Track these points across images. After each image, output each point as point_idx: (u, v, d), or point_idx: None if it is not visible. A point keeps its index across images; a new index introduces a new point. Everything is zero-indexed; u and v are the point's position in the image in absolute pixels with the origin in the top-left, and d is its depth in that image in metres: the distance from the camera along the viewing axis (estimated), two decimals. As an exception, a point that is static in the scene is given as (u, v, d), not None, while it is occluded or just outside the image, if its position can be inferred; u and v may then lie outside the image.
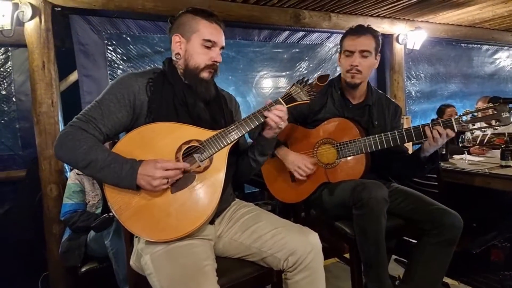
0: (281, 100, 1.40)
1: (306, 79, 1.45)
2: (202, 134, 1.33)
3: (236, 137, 1.33)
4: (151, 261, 1.25)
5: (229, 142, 1.32)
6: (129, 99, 1.32)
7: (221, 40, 1.42)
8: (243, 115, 1.46)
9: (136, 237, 1.39)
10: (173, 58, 1.43)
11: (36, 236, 2.83)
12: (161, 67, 1.46)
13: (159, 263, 1.23)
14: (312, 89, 1.43)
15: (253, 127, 1.36)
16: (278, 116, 1.35)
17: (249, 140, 1.67)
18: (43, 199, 2.70)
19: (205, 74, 1.40)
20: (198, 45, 1.37)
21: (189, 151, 1.31)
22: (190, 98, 1.38)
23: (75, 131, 1.25)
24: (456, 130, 1.58)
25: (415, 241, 1.79)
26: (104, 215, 2.15)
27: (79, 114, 1.30)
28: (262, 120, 1.37)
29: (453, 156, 2.80)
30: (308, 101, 1.43)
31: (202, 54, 1.38)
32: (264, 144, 1.45)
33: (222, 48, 1.44)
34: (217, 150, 1.31)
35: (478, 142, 2.91)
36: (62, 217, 2.36)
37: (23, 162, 3.08)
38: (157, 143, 1.29)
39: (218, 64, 1.42)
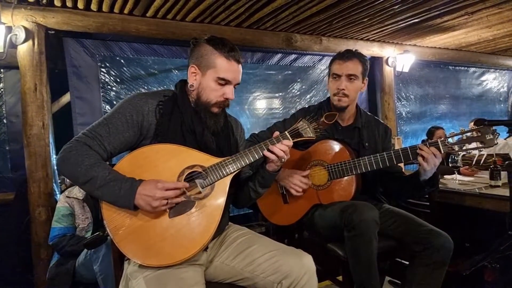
0: (287, 134, 1.40)
1: (316, 117, 1.47)
2: (207, 160, 1.31)
3: (240, 167, 1.32)
4: (139, 285, 1.23)
5: (232, 171, 1.31)
6: (137, 120, 1.31)
7: (237, 77, 1.39)
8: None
9: (126, 260, 1.36)
10: (188, 85, 1.41)
11: (23, 261, 2.76)
12: (172, 89, 1.45)
13: None
14: (319, 126, 1.45)
15: (257, 157, 1.35)
16: (282, 151, 1.35)
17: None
18: (31, 223, 2.65)
19: (215, 109, 1.39)
20: (212, 81, 1.35)
21: (191, 176, 1.30)
22: (198, 126, 1.37)
23: (80, 146, 1.23)
24: (442, 152, 1.61)
25: (407, 263, 1.78)
26: (98, 232, 2.10)
27: (85, 130, 1.28)
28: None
29: (444, 176, 2.82)
30: (314, 138, 1.44)
31: (215, 90, 1.36)
32: (266, 177, 1.44)
33: (237, 84, 1.41)
34: (219, 177, 1.30)
35: (474, 162, 2.93)
36: (50, 241, 2.31)
37: (12, 184, 3.04)
38: (160, 164, 1.28)
39: (230, 100, 1.41)
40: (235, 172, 1.33)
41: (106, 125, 1.28)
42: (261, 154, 1.35)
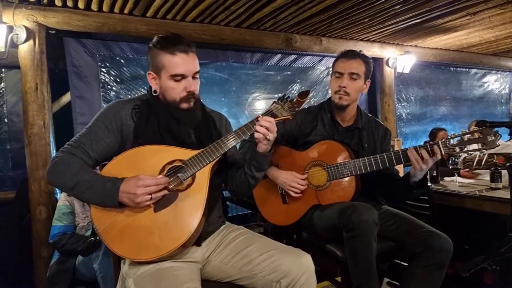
0: (262, 116, 1.42)
1: (286, 96, 1.47)
2: (185, 154, 1.35)
3: (218, 155, 1.35)
4: (134, 284, 1.25)
5: (211, 160, 1.34)
6: (116, 125, 1.36)
7: (190, 68, 1.36)
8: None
9: (122, 259, 1.38)
10: (153, 91, 1.44)
11: (24, 259, 2.76)
12: (147, 94, 1.48)
13: (142, 286, 1.23)
14: (293, 105, 1.45)
15: (234, 143, 1.37)
16: (264, 127, 1.36)
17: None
18: (31, 221, 2.66)
19: (184, 105, 1.39)
20: (169, 80, 1.36)
21: (172, 171, 1.33)
22: (173, 124, 1.40)
23: (65, 156, 1.31)
24: (443, 153, 1.60)
25: (406, 264, 1.78)
26: (91, 238, 2.13)
27: (70, 141, 1.36)
28: (244, 137, 1.38)
29: (444, 178, 2.81)
30: (290, 117, 1.45)
31: (175, 88, 1.37)
32: (259, 160, 1.45)
33: (196, 73, 1.40)
34: (199, 168, 1.33)
35: (475, 163, 2.93)
36: (51, 239, 2.32)
37: (12, 183, 3.05)
38: (142, 164, 1.32)
39: (194, 92, 1.40)
40: (214, 161, 1.35)
41: (88, 134, 1.35)
42: (238, 140, 1.36)
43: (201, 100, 1.50)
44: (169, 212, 1.28)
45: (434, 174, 2.67)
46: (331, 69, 2.00)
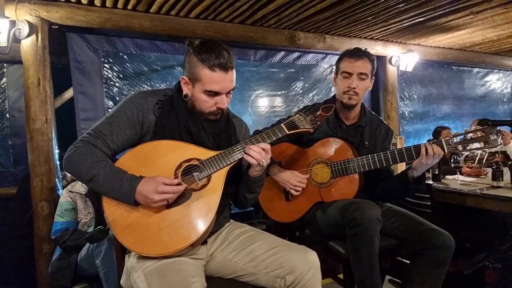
0: (283, 126, 1.39)
1: (312, 109, 1.45)
2: (204, 154, 1.33)
3: (236, 159, 1.33)
4: (140, 278, 1.24)
5: (228, 163, 1.32)
6: (138, 118, 1.34)
7: (226, 87, 1.33)
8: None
9: (127, 253, 1.38)
10: (183, 95, 1.39)
11: (26, 255, 2.77)
12: (173, 88, 1.44)
13: (148, 280, 1.22)
14: (316, 118, 1.43)
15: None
16: (258, 154, 1.29)
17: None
18: (33, 217, 2.66)
19: (211, 117, 1.38)
20: (202, 93, 1.32)
21: (188, 169, 1.32)
22: (193, 127, 1.37)
23: (84, 145, 1.28)
24: (446, 151, 1.61)
25: (408, 262, 1.78)
26: (99, 226, 2.11)
27: (89, 129, 1.33)
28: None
29: (446, 176, 2.81)
30: (311, 130, 1.43)
31: (206, 102, 1.34)
32: (250, 184, 1.43)
33: (231, 91, 1.37)
34: (216, 170, 1.31)
35: (477, 161, 2.94)
36: (52, 235, 2.32)
37: (14, 179, 3.05)
38: (158, 159, 1.31)
39: (225, 108, 1.38)
40: (232, 165, 1.33)
41: (109, 124, 1.32)
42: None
43: (228, 109, 1.47)
44: (181, 211, 1.28)
45: (436, 172, 2.68)
46: (334, 66, 2.00)
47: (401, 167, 2.89)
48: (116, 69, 3.26)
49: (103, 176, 1.24)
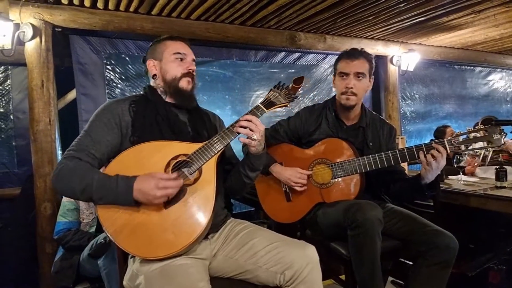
0: (261, 105, 1.43)
1: (282, 83, 1.50)
2: (189, 148, 1.35)
3: (222, 147, 1.36)
4: (146, 280, 1.23)
5: (215, 152, 1.35)
6: (115, 122, 1.37)
7: (190, 52, 1.53)
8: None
9: (132, 257, 1.37)
10: (151, 80, 1.53)
11: (29, 255, 2.79)
12: (142, 91, 1.55)
13: (155, 282, 1.22)
14: (290, 91, 1.47)
15: (235, 137, 1.38)
16: (244, 127, 1.36)
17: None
18: (36, 217, 2.68)
19: (183, 84, 1.47)
20: (171, 58, 1.47)
21: (177, 166, 1.33)
22: (171, 113, 1.45)
23: (69, 161, 1.28)
24: (448, 151, 1.60)
25: (411, 263, 1.77)
26: (101, 240, 2.12)
27: (71, 146, 1.34)
28: None
29: (449, 176, 2.80)
30: (287, 104, 1.48)
31: (176, 65, 1.47)
32: (253, 160, 1.46)
33: (194, 60, 1.53)
34: (204, 161, 1.34)
35: (480, 158, 2.93)
36: (55, 235, 2.33)
37: (18, 180, 3.07)
38: (147, 162, 1.31)
39: (194, 73, 1.50)
40: (218, 153, 1.36)
41: (88, 135, 1.35)
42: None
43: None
44: (180, 208, 1.28)
45: (439, 172, 2.66)
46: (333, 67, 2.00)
47: (403, 166, 2.88)
48: (118, 71, 3.28)
49: (97, 182, 1.23)
